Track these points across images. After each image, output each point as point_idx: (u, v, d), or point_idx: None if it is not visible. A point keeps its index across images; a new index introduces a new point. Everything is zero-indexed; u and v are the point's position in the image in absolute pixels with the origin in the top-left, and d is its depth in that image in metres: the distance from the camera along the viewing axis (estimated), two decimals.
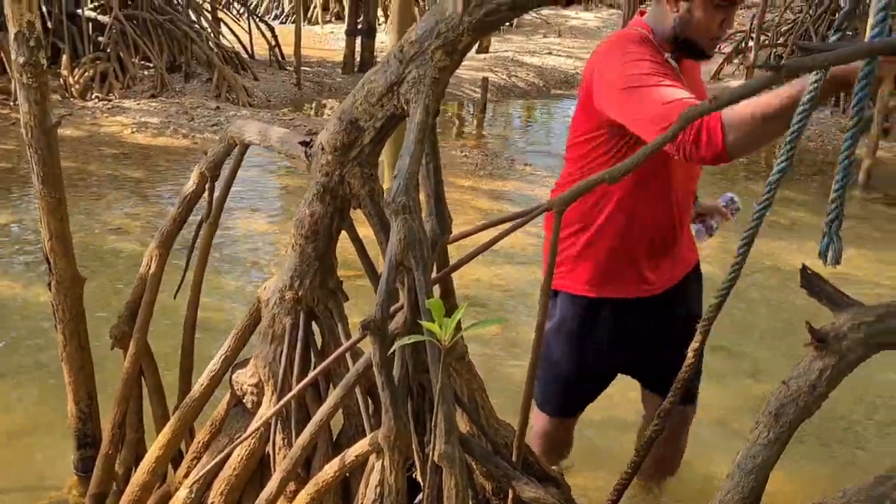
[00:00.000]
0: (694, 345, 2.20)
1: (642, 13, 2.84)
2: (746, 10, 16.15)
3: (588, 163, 2.80)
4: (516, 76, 13.77)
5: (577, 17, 18.26)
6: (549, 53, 15.69)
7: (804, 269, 1.63)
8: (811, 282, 1.62)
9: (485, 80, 11.72)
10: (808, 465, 3.87)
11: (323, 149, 2.26)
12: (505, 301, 5.59)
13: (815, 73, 2.03)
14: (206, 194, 2.81)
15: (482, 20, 1.93)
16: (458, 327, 1.91)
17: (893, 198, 8.70)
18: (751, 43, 13.43)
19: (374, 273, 2.45)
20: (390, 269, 1.99)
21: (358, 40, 13.85)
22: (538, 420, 3.20)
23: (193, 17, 12.88)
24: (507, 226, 2.00)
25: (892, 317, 1.57)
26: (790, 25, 14.15)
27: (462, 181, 8.22)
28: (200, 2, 13.53)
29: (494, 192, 8.11)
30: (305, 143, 2.35)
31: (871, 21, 1.89)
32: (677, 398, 2.25)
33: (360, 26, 13.80)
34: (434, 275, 2.24)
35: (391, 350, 2.00)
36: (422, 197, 2.16)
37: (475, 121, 11.75)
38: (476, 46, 14.63)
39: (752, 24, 13.90)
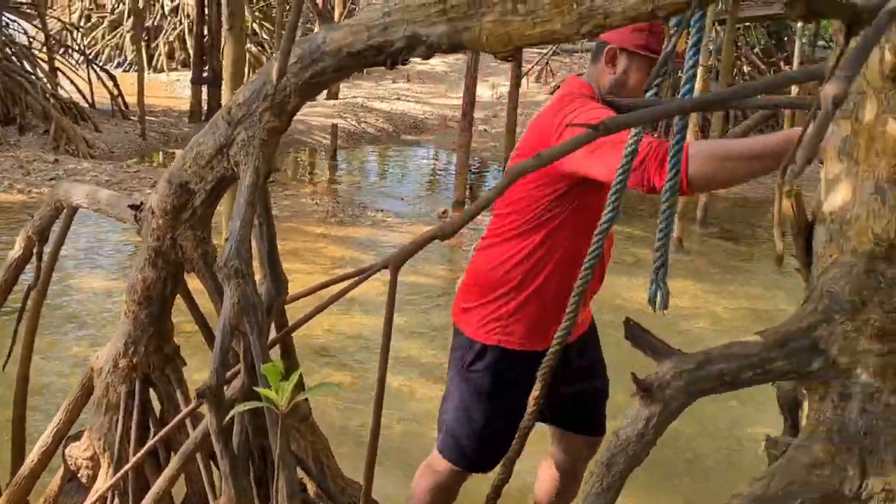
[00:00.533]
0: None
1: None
2: (587, 53, 16.75)
3: (533, 218, 2.80)
4: (366, 122, 13.84)
5: (425, 62, 18.55)
6: (399, 99, 15.85)
7: (627, 321, 1.68)
8: (634, 333, 1.67)
9: (334, 126, 11.73)
10: (654, 497, 3.98)
11: (153, 212, 2.21)
12: (357, 352, 5.56)
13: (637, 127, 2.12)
14: (34, 259, 2.70)
15: (308, 82, 1.94)
16: (300, 387, 1.89)
17: (729, 232, 9.13)
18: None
19: (212, 335, 2.40)
20: (224, 334, 1.95)
21: (204, 89, 13.64)
22: (437, 473, 3.15)
23: (28, 67, 12.40)
24: (347, 283, 2.00)
25: (710, 363, 1.64)
26: None
27: (313, 229, 8.17)
28: (35, 51, 13.03)
29: (346, 239, 8.09)
30: (135, 207, 2.28)
31: (683, 78, 2.00)
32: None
33: (205, 74, 13.60)
34: (274, 335, 2.21)
35: (227, 417, 1.95)
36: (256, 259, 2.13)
37: (326, 168, 11.72)
38: (325, 93, 14.64)
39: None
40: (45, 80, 12.41)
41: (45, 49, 13.18)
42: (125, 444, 2.38)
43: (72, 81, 13.08)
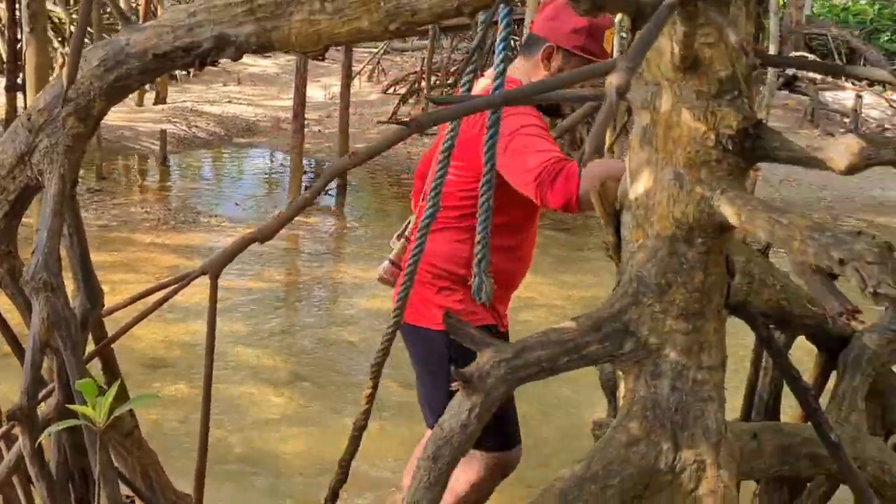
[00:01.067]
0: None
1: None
2: (417, 52, 16.88)
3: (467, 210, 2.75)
4: (197, 126, 13.49)
5: (256, 64, 18.25)
6: (230, 102, 15.53)
7: (447, 314, 1.70)
8: (454, 326, 1.69)
9: (163, 132, 11.39)
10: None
11: None
12: (195, 362, 5.42)
13: (452, 122, 2.15)
14: None
15: (113, 85, 1.87)
16: (123, 401, 1.83)
17: (561, 222, 9.38)
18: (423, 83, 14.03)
19: (24, 354, 2.29)
20: (34, 351, 1.86)
21: (20, 95, 12.96)
22: (477, 470, 3.04)
23: None
24: (166, 291, 1.94)
25: (527, 351, 1.68)
26: (457, 66, 14.94)
27: (144, 237, 7.91)
28: None
29: (179, 246, 7.87)
30: None
31: (493, 74, 2.03)
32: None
33: (20, 81, 12.93)
34: (91, 349, 2.13)
35: (41, 438, 1.87)
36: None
37: (157, 174, 11.38)
38: (153, 97, 14.20)
39: (422, 65, 14.53)
40: None
41: None
42: None
43: None
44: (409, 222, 3.11)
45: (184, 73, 16.08)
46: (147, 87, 14.52)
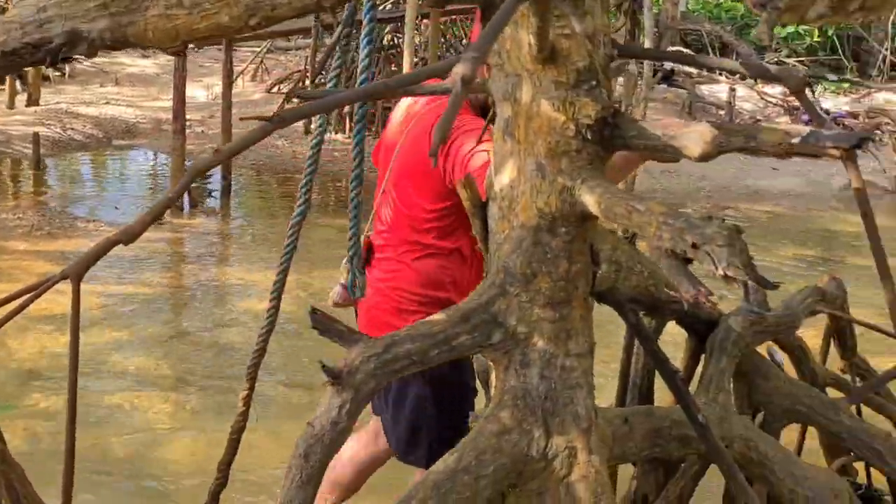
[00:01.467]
0: None
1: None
2: (301, 50, 16.70)
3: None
4: (73, 129, 13.04)
5: (135, 64, 17.76)
6: (108, 103, 15.06)
7: (313, 310, 1.68)
8: (321, 322, 1.68)
9: (35, 135, 10.97)
10: (396, 489, 4.04)
11: None
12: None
13: (319, 118, 2.13)
14: None
15: None
16: None
17: None
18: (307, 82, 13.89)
19: None
20: None
21: None
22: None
23: None
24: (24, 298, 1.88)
25: (397, 345, 1.67)
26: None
27: (16, 245, 7.61)
28: None
29: (55, 253, 7.60)
30: None
31: (359, 69, 2.02)
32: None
33: None
34: None
35: None
36: None
37: (31, 179, 10.96)
38: (26, 99, 13.67)
39: (306, 63, 14.38)
40: None
41: None
42: None
43: None
44: None
45: (58, 73, 15.53)
46: (18, 87, 14.00)
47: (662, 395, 2.57)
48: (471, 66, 1.05)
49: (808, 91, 1.67)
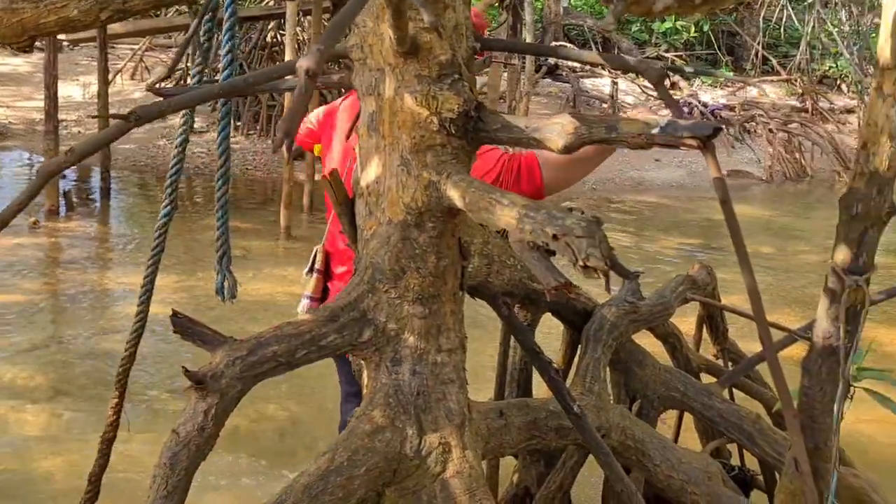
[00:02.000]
0: None
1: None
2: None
3: None
4: None
5: (6, 62, 17.09)
6: None
7: (174, 314, 1.63)
8: (182, 325, 1.62)
9: None
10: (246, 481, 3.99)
11: None
12: None
13: (183, 115, 2.06)
14: None
15: None
16: None
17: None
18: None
19: None
20: None
21: None
22: None
23: None
24: None
25: (262, 347, 1.63)
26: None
27: None
28: None
29: None
30: None
31: (221, 65, 1.97)
32: None
33: None
34: None
35: None
36: None
37: None
38: None
39: (187, 61, 14.04)
40: None
41: None
42: None
43: None
44: (314, 254, 2.91)
45: None
46: None
47: (543, 387, 2.59)
48: (315, 59, 1.02)
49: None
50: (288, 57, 7.20)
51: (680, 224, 9.68)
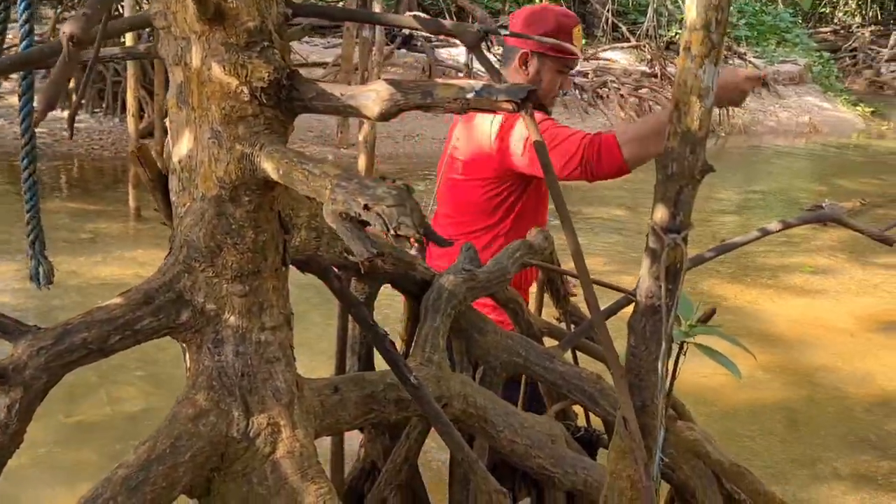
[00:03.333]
0: None
1: None
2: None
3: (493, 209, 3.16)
4: None
5: None
6: None
7: None
8: None
9: None
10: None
11: None
12: None
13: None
14: None
15: None
16: None
17: None
18: None
19: None
20: None
21: None
22: None
23: None
24: None
25: (70, 334, 1.54)
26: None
27: None
28: None
29: None
30: None
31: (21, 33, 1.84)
32: None
33: None
34: None
35: None
36: None
37: None
38: None
39: None
40: None
41: None
42: None
43: None
44: None
45: None
46: None
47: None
48: (78, 25, 0.95)
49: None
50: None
51: (568, 191, 9.79)
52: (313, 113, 1.62)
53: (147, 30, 3.94)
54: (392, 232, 1.31)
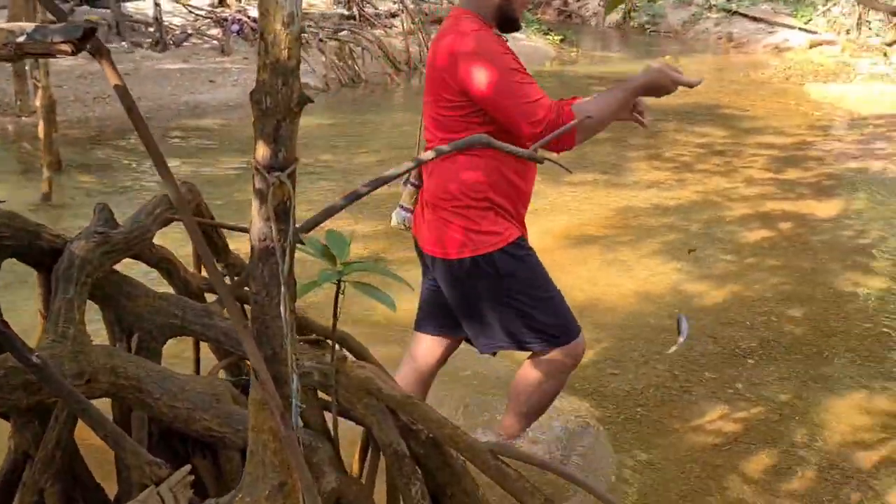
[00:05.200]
0: None
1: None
2: None
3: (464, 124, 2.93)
4: None
5: None
6: None
7: None
8: None
9: None
10: None
11: None
12: None
13: None
14: None
15: None
16: None
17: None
18: None
19: None
20: None
21: None
22: (554, 363, 3.19)
23: None
24: None
25: None
26: None
27: None
28: None
29: None
30: None
31: None
32: None
33: None
34: None
35: None
36: None
37: None
38: None
39: None
40: None
41: None
42: None
43: None
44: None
45: None
46: None
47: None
48: None
49: None
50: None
51: (243, 143, 9.46)
52: None
53: None
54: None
